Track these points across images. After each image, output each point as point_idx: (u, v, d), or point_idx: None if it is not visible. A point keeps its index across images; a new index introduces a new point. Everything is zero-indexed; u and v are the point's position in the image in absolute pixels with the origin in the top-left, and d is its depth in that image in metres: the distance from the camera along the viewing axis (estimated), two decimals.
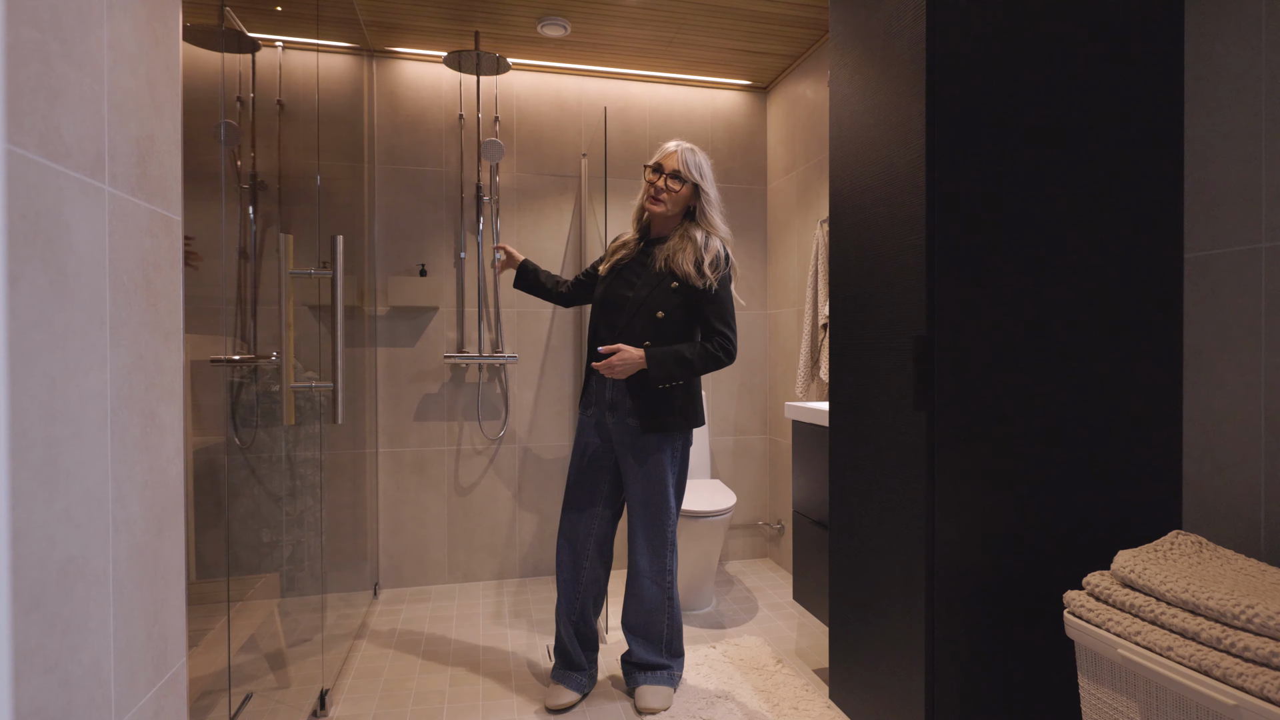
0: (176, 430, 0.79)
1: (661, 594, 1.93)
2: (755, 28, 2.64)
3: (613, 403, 1.91)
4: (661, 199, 1.87)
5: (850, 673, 1.80)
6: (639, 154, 3.08)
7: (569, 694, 1.89)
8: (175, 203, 0.80)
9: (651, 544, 1.91)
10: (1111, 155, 1.56)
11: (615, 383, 1.90)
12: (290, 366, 1.54)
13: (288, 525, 2.11)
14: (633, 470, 1.90)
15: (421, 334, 2.88)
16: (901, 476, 1.57)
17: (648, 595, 1.92)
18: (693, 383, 1.93)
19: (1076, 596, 1.33)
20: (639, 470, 1.89)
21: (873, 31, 1.67)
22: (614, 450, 1.94)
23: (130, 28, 0.70)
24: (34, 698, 0.53)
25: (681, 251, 1.84)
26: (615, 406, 1.90)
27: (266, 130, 2.00)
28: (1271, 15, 1.40)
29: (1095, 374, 1.55)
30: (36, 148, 0.54)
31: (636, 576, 1.93)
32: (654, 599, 1.93)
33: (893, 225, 1.60)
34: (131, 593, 0.69)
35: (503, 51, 2.83)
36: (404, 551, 2.88)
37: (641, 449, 1.88)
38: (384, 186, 2.85)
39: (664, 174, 1.87)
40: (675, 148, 1.87)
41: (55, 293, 0.56)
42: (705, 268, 1.82)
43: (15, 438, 0.51)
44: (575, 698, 1.89)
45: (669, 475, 1.91)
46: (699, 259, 1.83)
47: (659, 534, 1.91)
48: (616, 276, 1.94)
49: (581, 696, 1.92)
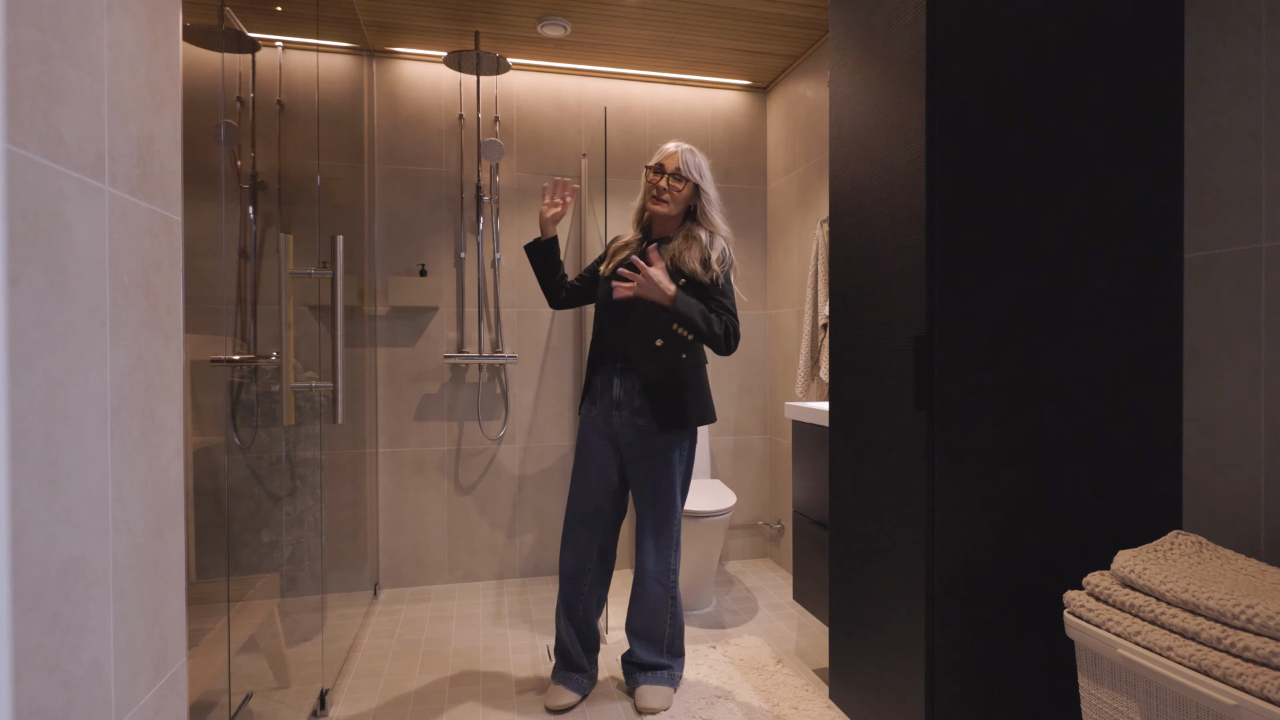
0: (176, 430, 0.79)
1: (665, 594, 1.94)
2: (755, 28, 2.64)
3: (619, 400, 1.89)
4: (665, 199, 1.87)
5: (850, 673, 1.80)
6: (639, 154, 3.08)
7: (569, 695, 1.89)
8: (175, 203, 0.80)
9: (659, 544, 1.91)
10: (1111, 155, 1.56)
11: (624, 380, 1.89)
12: (290, 366, 1.54)
13: (288, 525, 2.11)
14: (642, 470, 1.89)
15: (421, 334, 2.88)
16: (901, 476, 1.57)
17: (653, 595, 1.92)
18: (704, 379, 1.94)
19: (1076, 596, 1.33)
20: (649, 470, 1.88)
21: (873, 31, 1.67)
22: (618, 451, 1.93)
23: (130, 28, 0.70)
24: (34, 698, 0.53)
25: (687, 250, 1.86)
26: (622, 404, 1.89)
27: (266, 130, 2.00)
28: (1271, 15, 1.40)
29: (1095, 374, 1.55)
30: (36, 148, 0.54)
31: (643, 577, 1.93)
32: (659, 599, 1.93)
33: (893, 225, 1.60)
34: (131, 593, 0.69)
35: (503, 51, 2.83)
36: (404, 551, 2.88)
37: (652, 449, 1.88)
38: (384, 186, 2.85)
39: (666, 174, 1.88)
40: (675, 148, 1.89)
41: (55, 293, 0.56)
42: (712, 263, 1.84)
43: (15, 438, 0.51)
44: (575, 699, 1.89)
45: (678, 475, 1.92)
46: (705, 256, 1.85)
47: (667, 534, 1.92)
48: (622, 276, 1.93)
49: (582, 697, 1.92)
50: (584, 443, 1.96)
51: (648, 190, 1.92)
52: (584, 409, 1.99)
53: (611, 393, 1.91)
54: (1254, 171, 1.43)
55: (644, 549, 1.92)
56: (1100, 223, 1.55)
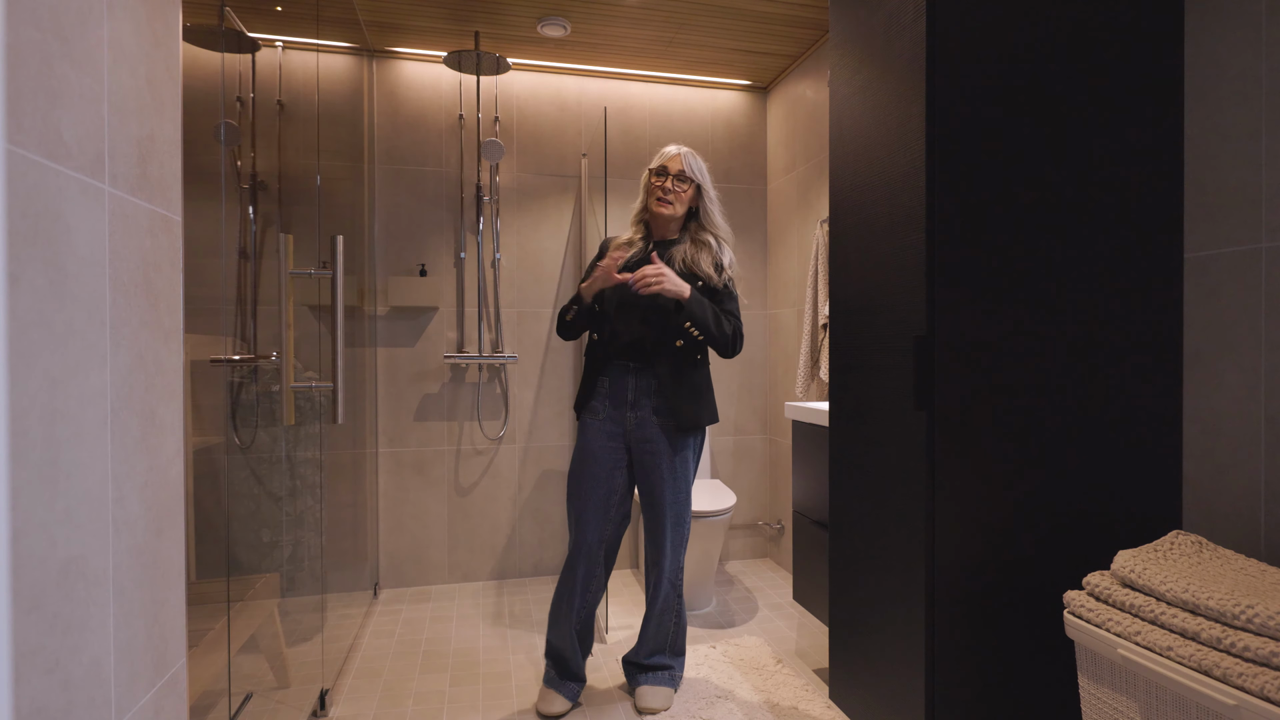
0: (176, 430, 0.79)
1: (674, 592, 1.94)
2: (755, 28, 2.64)
3: (634, 400, 1.88)
4: (669, 199, 1.89)
5: (850, 673, 1.80)
6: (639, 154, 3.08)
7: (564, 702, 1.87)
8: (175, 203, 0.80)
9: (674, 544, 1.91)
10: (1112, 155, 1.56)
11: (639, 380, 1.88)
12: (290, 366, 1.54)
13: (288, 525, 2.11)
14: (660, 470, 1.88)
15: (421, 334, 2.88)
16: (901, 476, 1.57)
17: (664, 595, 1.93)
18: (710, 380, 1.98)
19: (1076, 596, 1.33)
20: (669, 469, 1.88)
21: (873, 31, 1.68)
22: (627, 454, 1.91)
23: (130, 28, 0.70)
24: (34, 698, 0.53)
25: (699, 255, 1.90)
26: (638, 405, 1.88)
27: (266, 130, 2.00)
28: (1271, 15, 1.40)
29: (1095, 374, 1.55)
30: (36, 148, 0.54)
31: (659, 579, 1.92)
32: (669, 598, 1.94)
33: (893, 225, 1.60)
34: (131, 593, 0.69)
35: (503, 51, 2.83)
36: (404, 551, 2.88)
37: (671, 448, 1.88)
38: (384, 186, 2.85)
39: (670, 175, 1.89)
40: (677, 151, 1.91)
41: (55, 293, 0.56)
42: (725, 269, 1.91)
43: (15, 438, 0.51)
44: (569, 706, 1.89)
45: (693, 473, 1.93)
46: (718, 262, 1.91)
47: (681, 532, 1.92)
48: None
49: (574, 706, 1.91)
50: (591, 445, 1.89)
51: (651, 192, 1.92)
52: (589, 411, 1.93)
53: (626, 393, 1.89)
54: (1254, 171, 1.43)
55: (660, 548, 1.91)
56: (1100, 222, 1.55)
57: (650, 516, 1.92)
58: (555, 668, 1.93)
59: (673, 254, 1.90)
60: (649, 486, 1.90)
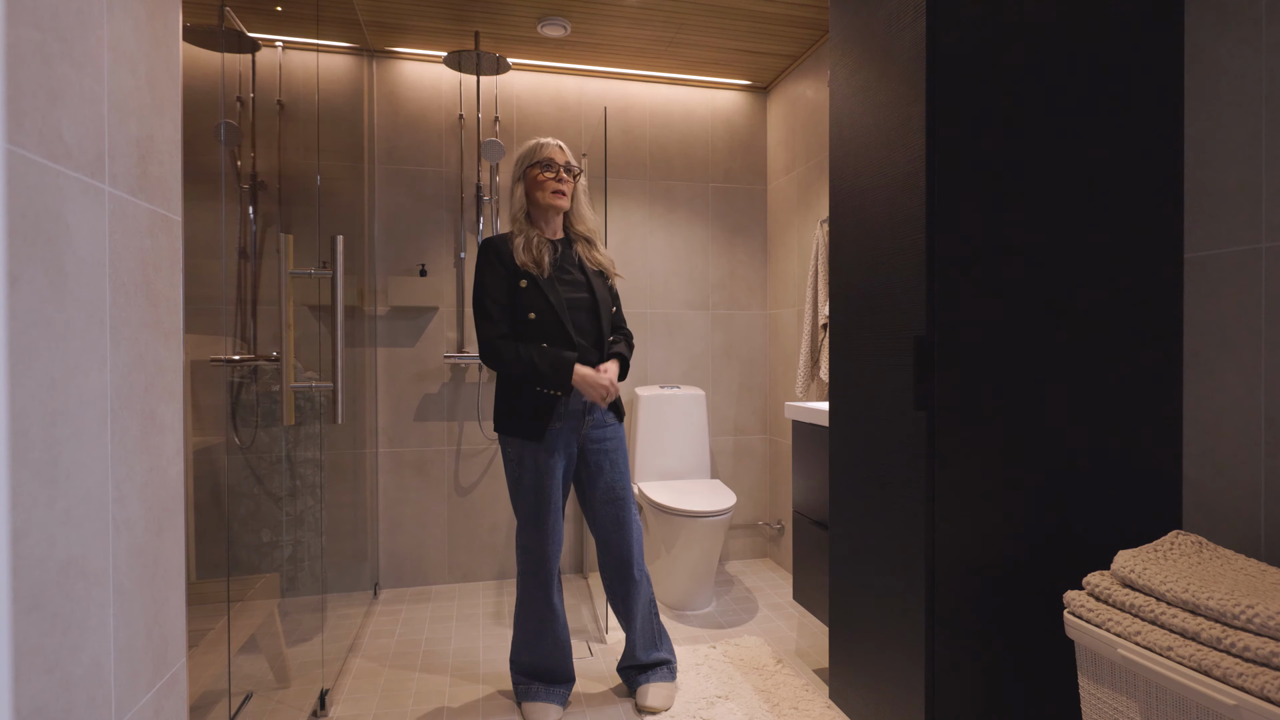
0: (177, 430, 0.79)
1: (647, 582, 1.95)
2: (755, 28, 2.64)
3: (590, 405, 1.87)
4: (564, 190, 1.90)
5: (850, 673, 1.80)
6: (639, 154, 3.08)
7: (556, 709, 1.86)
8: (175, 203, 0.80)
9: (635, 533, 1.92)
10: (1111, 155, 1.56)
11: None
12: (290, 366, 1.54)
13: (288, 525, 2.11)
14: (618, 464, 1.91)
15: (421, 334, 2.88)
16: (901, 477, 1.57)
17: (641, 588, 1.93)
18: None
19: (1077, 596, 1.33)
20: (617, 462, 1.91)
21: (873, 31, 1.68)
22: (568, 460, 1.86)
23: (130, 28, 0.70)
24: (34, 698, 0.53)
25: (593, 253, 1.96)
26: (593, 408, 1.88)
27: (266, 130, 2.00)
28: (1271, 16, 1.40)
29: (1095, 374, 1.55)
30: (36, 148, 0.54)
31: (627, 574, 1.91)
32: (645, 590, 1.94)
33: (893, 225, 1.60)
34: (131, 593, 0.69)
35: (503, 51, 2.83)
36: (404, 551, 2.88)
37: (616, 440, 1.92)
38: (384, 186, 2.85)
39: (559, 167, 1.89)
40: (555, 142, 1.93)
41: (55, 293, 0.56)
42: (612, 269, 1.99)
43: (15, 438, 0.51)
44: (560, 712, 1.87)
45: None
46: (609, 257, 2.00)
47: (635, 522, 1.93)
48: (560, 279, 1.87)
49: (564, 709, 1.91)
50: (545, 460, 1.81)
51: (541, 186, 1.88)
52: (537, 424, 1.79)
53: (583, 400, 1.85)
54: (1254, 171, 1.43)
55: (622, 543, 1.90)
56: (1100, 222, 1.55)
57: (609, 514, 1.90)
58: (541, 679, 1.90)
59: (580, 258, 1.93)
60: (607, 483, 1.89)
